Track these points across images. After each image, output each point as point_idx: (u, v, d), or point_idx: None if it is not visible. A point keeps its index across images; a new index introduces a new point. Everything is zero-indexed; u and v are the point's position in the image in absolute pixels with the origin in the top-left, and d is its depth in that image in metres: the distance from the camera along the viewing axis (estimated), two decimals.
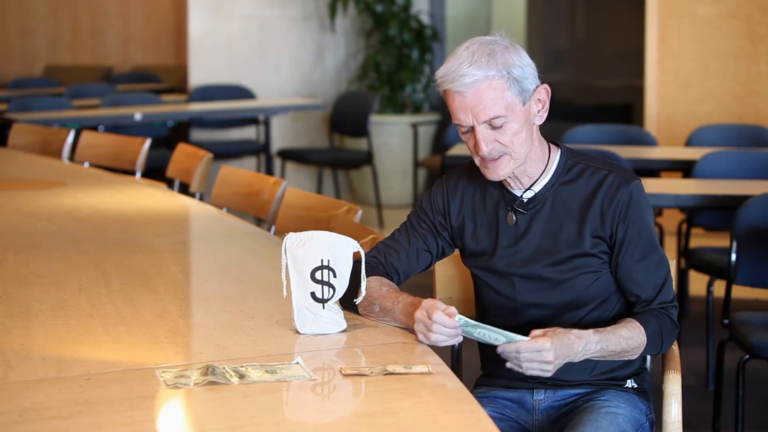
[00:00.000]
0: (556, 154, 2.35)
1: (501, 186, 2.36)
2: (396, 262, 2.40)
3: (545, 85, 2.31)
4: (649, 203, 2.33)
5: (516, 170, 2.30)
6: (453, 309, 2.12)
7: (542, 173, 2.33)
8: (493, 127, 2.23)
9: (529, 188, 2.33)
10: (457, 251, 2.48)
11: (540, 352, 2.08)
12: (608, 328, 2.23)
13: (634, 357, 2.30)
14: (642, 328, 2.25)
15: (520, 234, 2.34)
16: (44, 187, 4.07)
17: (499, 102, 2.21)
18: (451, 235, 2.42)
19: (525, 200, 2.34)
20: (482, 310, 2.45)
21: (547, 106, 2.31)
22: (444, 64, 2.25)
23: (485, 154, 2.25)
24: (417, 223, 2.43)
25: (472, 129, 2.24)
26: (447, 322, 2.10)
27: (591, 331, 2.19)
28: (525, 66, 2.25)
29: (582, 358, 2.17)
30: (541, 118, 2.31)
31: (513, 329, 2.37)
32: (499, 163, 2.27)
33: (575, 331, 2.16)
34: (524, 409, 2.40)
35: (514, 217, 2.34)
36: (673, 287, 2.34)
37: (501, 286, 2.36)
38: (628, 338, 2.23)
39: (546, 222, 2.32)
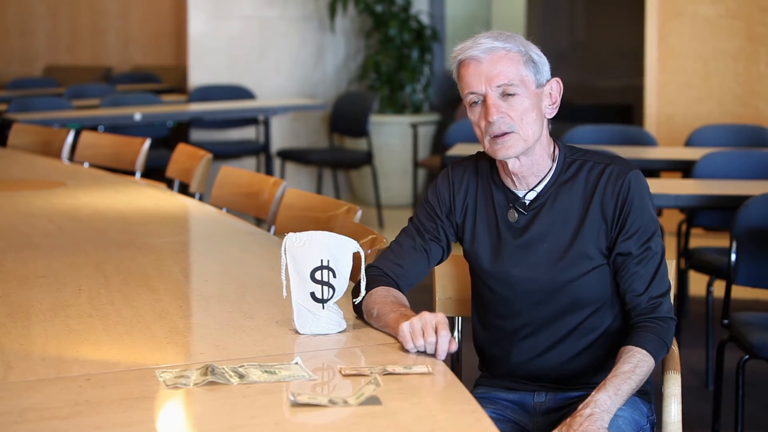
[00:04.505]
0: (557, 152, 2.34)
1: (504, 186, 2.34)
2: (403, 271, 2.34)
3: (557, 79, 2.31)
4: (648, 191, 2.29)
5: (525, 161, 2.27)
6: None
7: (547, 172, 2.31)
8: (505, 97, 2.22)
9: (531, 189, 2.31)
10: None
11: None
12: (610, 375, 2.18)
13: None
14: (643, 351, 2.20)
15: (521, 234, 2.31)
16: (44, 188, 4.06)
17: (514, 71, 2.22)
18: (455, 229, 2.39)
19: (527, 201, 2.31)
20: (480, 309, 2.43)
21: (558, 102, 2.31)
22: (461, 43, 2.27)
23: (494, 120, 2.21)
24: (425, 220, 2.38)
25: (484, 99, 2.23)
26: (443, 344, 2.03)
27: (596, 392, 2.15)
28: (542, 56, 2.29)
29: (614, 408, 2.13)
30: (551, 111, 2.30)
31: (511, 332, 2.36)
32: (508, 140, 2.23)
33: (582, 406, 2.13)
34: (525, 410, 2.38)
35: (515, 215, 2.31)
36: (668, 278, 2.29)
37: (499, 288, 2.33)
38: (635, 370, 2.18)
39: (548, 222, 2.29)
